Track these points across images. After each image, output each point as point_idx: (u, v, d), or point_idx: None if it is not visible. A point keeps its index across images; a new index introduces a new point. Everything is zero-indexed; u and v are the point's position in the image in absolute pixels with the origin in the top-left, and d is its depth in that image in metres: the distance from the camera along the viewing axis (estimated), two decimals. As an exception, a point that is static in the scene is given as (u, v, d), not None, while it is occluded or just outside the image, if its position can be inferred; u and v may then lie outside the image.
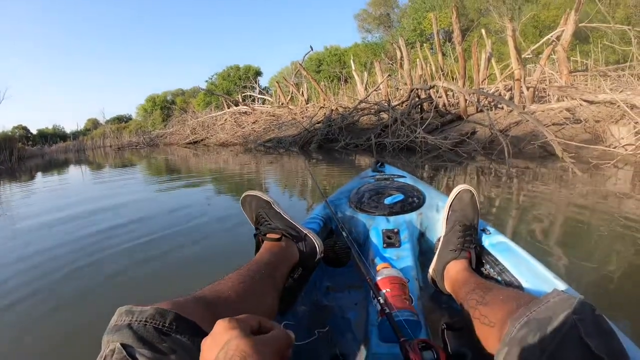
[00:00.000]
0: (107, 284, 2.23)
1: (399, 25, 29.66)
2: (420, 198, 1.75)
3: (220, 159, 10.31)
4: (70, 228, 3.60)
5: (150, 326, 0.65)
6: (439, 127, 8.21)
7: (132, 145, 25.02)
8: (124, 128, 39.43)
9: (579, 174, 4.46)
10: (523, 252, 1.25)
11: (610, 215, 2.86)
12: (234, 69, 37.61)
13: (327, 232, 1.66)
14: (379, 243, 1.49)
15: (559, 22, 8.21)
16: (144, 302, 0.70)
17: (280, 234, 1.29)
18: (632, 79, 7.42)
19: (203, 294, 0.84)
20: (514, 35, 8.20)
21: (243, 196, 1.42)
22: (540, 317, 0.68)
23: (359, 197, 1.81)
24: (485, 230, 1.42)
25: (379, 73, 12.08)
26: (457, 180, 4.78)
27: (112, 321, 0.67)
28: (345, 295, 1.42)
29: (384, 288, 1.10)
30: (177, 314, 0.69)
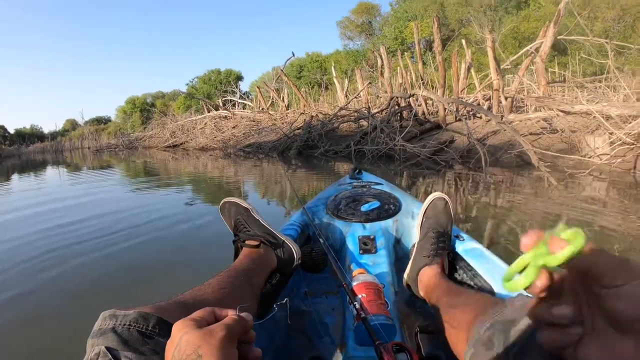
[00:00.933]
0: (88, 288, 2.21)
1: (381, 33, 29.87)
2: (396, 205, 1.77)
3: (200, 163, 10.22)
4: (48, 230, 3.53)
5: (134, 329, 0.67)
6: (417, 135, 8.24)
7: (111, 148, 24.65)
8: (103, 130, 39.18)
9: (554, 183, 4.51)
10: (495, 258, 1.28)
11: (584, 223, 2.90)
12: (215, 72, 37.53)
13: (304, 239, 1.69)
14: (355, 249, 1.52)
15: (538, 34, 8.33)
16: (126, 306, 0.71)
17: (258, 240, 1.32)
18: (609, 90, 7.55)
19: (184, 298, 0.86)
20: (493, 46, 8.30)
21: (222, 203, 1.45)
22: (505, 319, 0.69)
23: (336, 204, 1.83)
24: (459, 237, 1.44)
25: (360, 80, 12.13)
26: (435, 188, 4.80)
27: (96, 325, 0.68)
28: (323, 300, 1.43)
29: (359, 293, 1.12)
30: (160, 318, 0.71)
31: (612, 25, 15.07)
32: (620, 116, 5.52)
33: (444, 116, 8.59)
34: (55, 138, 39.74)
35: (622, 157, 5.18)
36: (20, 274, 2.48)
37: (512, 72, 10.38)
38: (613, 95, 7.05)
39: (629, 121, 5.34)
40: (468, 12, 21.67)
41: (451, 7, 23.02)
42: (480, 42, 15.31)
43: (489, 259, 1.29)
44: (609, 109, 5.69)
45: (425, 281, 1.23)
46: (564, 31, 8.75)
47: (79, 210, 4.52)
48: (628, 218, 3.10)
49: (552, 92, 8.73)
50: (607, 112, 5.68)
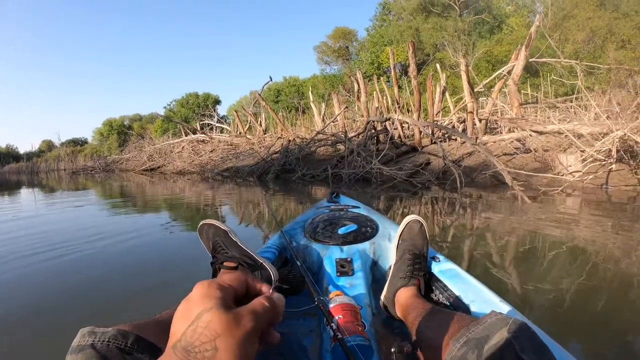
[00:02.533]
0: (63, 306, 2.18)
1: (357, 58, 30.27)
2: (373, 228, 1.79)
3: (177, 187, 10.12)
4: (23, 249, 3.46)
5: (113, 345, 0.69)
6: (394, 158, 8.31)
7: (87, 170, 24.31)
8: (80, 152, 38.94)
9: (527, 201, 4.56)
10: (470, 278, 1.31)
11: (558, 239, 2.95)
12: (193, 96, 37.58)
13: (282, 261, 1.70)
14: (332, 272, 1.53)
15: (510, 57, 8.51)
16: (104, 325, 0.74)
17: (236, 262, 1.34)
18: (580, 109, 7.72)
19: (162, 317, 0.87)
20: (467, 70, 8.46)
21: (200, 225, 1.46)
22: (478, 336, 0.72)
23: (314, 227, 1.84)
24: (435, 258, 1.47)
25: (337, 105, 12.23)
26: (412, 209, 4.81)
27: (75, 341, 0.70)
28: (301, 322, 1.43)
29: (336, 315, 1.12)
30: (138, 335, 0.72)
31: (582, 47, 15.47)
32: (591, 134, 5.65)
33: (419, 139, 8.67)
34: (31, 159, 39.39)
35: (594, 173, 5.31)
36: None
37: (486, 95, 10.56)
38: (584, 114, 7.21)
39: (599, 138, 5.47)
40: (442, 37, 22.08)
41: (426, 32, 23.44)
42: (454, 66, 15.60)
43: (464, 279, 1.31)
44: (580, 128, 5.83)
45: (402, 302, 1.23)
46: (535, 53, 8.96)
47: (55, 230, 4.44)
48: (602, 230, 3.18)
49: (525, 113, 8.90)
50: (579, 130, 5.81)
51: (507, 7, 24.69)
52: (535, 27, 7.62)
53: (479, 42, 21.47)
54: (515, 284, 2.08)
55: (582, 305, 1.84)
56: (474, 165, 6.92)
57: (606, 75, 11.23)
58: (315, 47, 34.36)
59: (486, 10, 23.37)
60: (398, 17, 28.47)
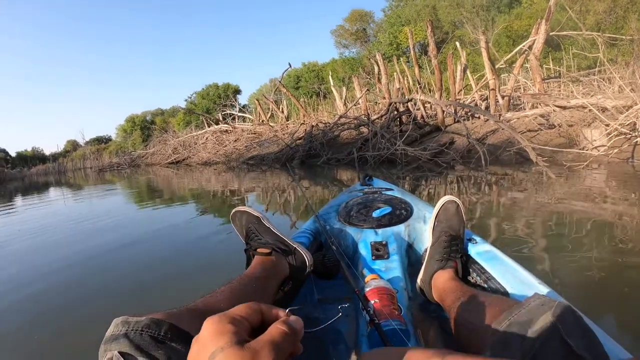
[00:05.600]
0: (99, 296, 2.23)
1: (376, 39, 30.01)
2: (407, 210, 1.77)
3: (204, 177, 10.23)
4: (60, 244, 3.59)
5: (147, 335, 0.68)
6: (418, 139, 8.35)
7: (113, 167, 24.43)
8: (104, 149, 39.36)
9: (553, 177, 4.58)
10: (508, 260, 1.28)
11: (588, 216, 2.95)
12: (213, 87, 37.69)
13: (316, 246, 1.68)
14: (367, 255, 1.52)
15: (531, 31, 8.43)
16: (137, 314, 0.72)
17: (270, 248, 1.31)
18: (603, 82, 7.64)
19: (196, 305, 0.85)
20: (487, 46, 8.42)
21: (233, 212, 1.45)
22: (522, 320, 0.71)
23: (348, 210, 1.83)
24: (472, 240, 1.45)
25: (358, 88, 12.23)
26: (438, 190, 4.84)
27: (109, 331, 0.69)
28: (335, 306, 1.37)
29: (372, 299, 1.12)
30: (172, 324, 0.71)
31: (603, 18, 15.14)
32: (615, 107, 5.62)
33: (442, 118, 8.69)
34: (57, 159, 39.56)
35: (619, 147, 5.28)
36: (37, 279, 2.54)
37: (508, 71, 10.50)
38: (608, 87, 7.15)
39: (623, 112, 5.43)
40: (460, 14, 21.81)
41: (443, 10, 23.17)
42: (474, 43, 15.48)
43: (502, 261, 1.29)
44: (603, 101, 5.80)
45: (439, 285, 1.22)
46: (556, 27, 8.89)
47: (90, 223, 4.57)
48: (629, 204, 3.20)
49: (547, 89, 8.82)
50: (602, 104, 5.79)
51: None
52: (555, 0, 7.54)
53: (498, 17, 21.14)
54: (545, 264, 2.07)
55: (614, 284, 1.81)
56: (498, 143, 6.94)
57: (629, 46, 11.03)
58: (332, 31, 34.29)
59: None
60: (414, -4, 28.14)
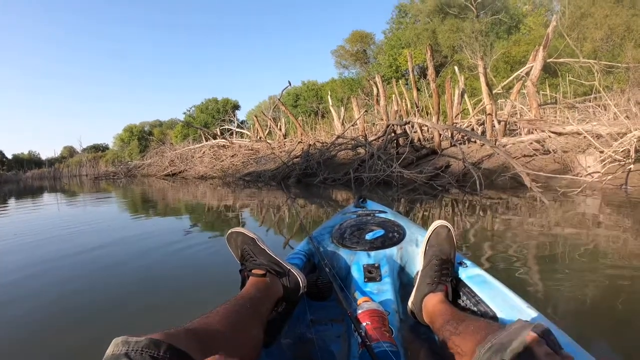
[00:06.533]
0: (92, 315, 2.19)
1: (375, 61, 30.23)
2: (400, 233, 1.79)
3: (199, 192, 10.24)
4: (49, 256, 3.53)
5: (147, 355, 0.69)
6: (414, 162, 8.37)
7: (109, 176, 24.55)
8: (101, 157, 39.31)
9: (546, 202, 4.63)
10: (498, 284, 1.30)
11: (580, 241, 2.98)
12: (212, 101, 37.87)
13: (310, 267, 1.70)
14: (360, 277, 1.54)
15: (529, 57, 8.54)
16: (131, 333, 0.73)
17: (264, 269, 1.33)
18: (599, 109, 7.72)
19: (193, 326, 0.88)
20: (485, 72, 8.53)
21: (228, 233, 1.47)
22: (503, 341, 0.74)
23: (341, 232, 1.85)
24: (462, 264, 1.47)
25: (356, 108, 12.30)
26: (433, 212, 4.86)
27: (109, 351, 0.70)
28: (328, 328, 1.44)
29: (364, 321, 1.14)
30: (170, 344, 0.73)
31: (600, 45, 15.35)
32: (609, 134, 5.69)
33: (439, 142, 8.75)
34: (53, 164, 39.72)
35: (613, 174, 5.33)
36: (28, 296, 2.49)
37: (505, 96, 10.57)
38: (603, 114, 7.23)
39: (618, 139, 5.50)
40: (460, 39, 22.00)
41: (443, 34, 23.39)
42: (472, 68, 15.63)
43: (492, 285, 1.31)
44: (598, 128, 5.87)
45: (430, 308, 1.25)
46: (553, 53, 9.01)
47: (81, 236, 4.56)
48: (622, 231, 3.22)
49: (544, 114, 8.91)
50: (597, 131, 5.85)
51: (524, 7, 24.61)
52: (553, 27, 7.63)
53: (496, 43, 21.38)
54: (537, 288, 2.09)
55: (606, 308, 1.84)
56: (493, 168, 6.99)
57: (625, 74, 11.18)
58: (332, 51, 34.45)
59: (503, 11, 23.24)
60: (415, 19, 28.45)
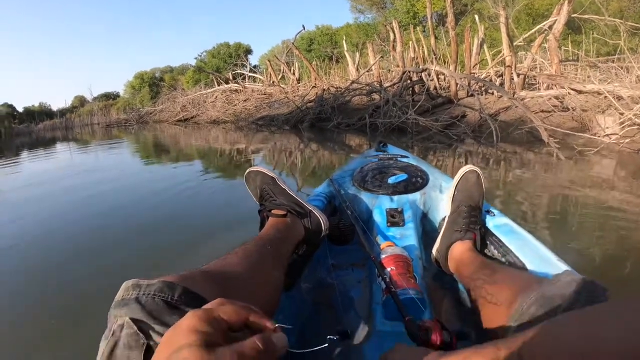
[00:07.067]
0: (109, 256, 2.23)
1: (392, 6, 29.33)
2: (423, 178, 1.74)
3: (211, 136, 10.26)
4: (70, 200, 3.65)
5: (159, 299, 0.63)
6: (429, 110, 8.30)
7: (121, 123, 24.60)
8: (112, 105, 39.07)
9: (562, 158, 4.62)
10: (527, 234, 1.25)
11: (594, 199, 3.00)
12: (224, 46, 37.08)
13: (331, 210, 1.67)
14: (382, 222, 1.51)
15: (552, 11, 8.29)
16: (148, 277, 0.68)
17: (285, 210, 1.27)
18: (621, 71, 7.56)
19: (210, 268, 0.83)
20: (506, 22, 8.28)
21: (247, 172, 1.42)
22: (551, 294, 0.70)
23: (363, 175, 1.80)
24: (490, 212, 1.42)
25: (371, 54, 12.07)
26: (447, 162, 4.89)
27: (119, 295, 0.64)
28: (349, 272, 1.41)
29: (388, 266, 1.10)
30: (185, 288, 0.67)
31: (628, 6, 14.88)
32: (631, 97, 5.57)
33: (455, 91, 8.64)
34: (64, 115, 39.52)
35: (631, 137, 5.26)
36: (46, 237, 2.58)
37: (525, 49, 10.31)
38: (625, 76, 7.08)
39: (639, 102, 5.41)
40: (482, -14, 21.35)
41: (464, -19, 22.71)
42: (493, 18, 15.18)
43: (520, 235, 1.25)
44: (620, 90, 5.74)
45: (457, 257, 1.19)
46: (578, 9, 8.71)
47: (99, 181, 4.64)
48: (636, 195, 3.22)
49: (564, 71, 8.72)
50: (619, 92, 5.74)
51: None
52: (580, -19, 7.42)
53: (519, -7, 20.73)
54: (560, 240, 2.08)
55: (629, 263, 1.84)
56: (510, 121, 6.91)
57: (651, 38, 10.89)
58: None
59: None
60: (436, -36, 27.52)
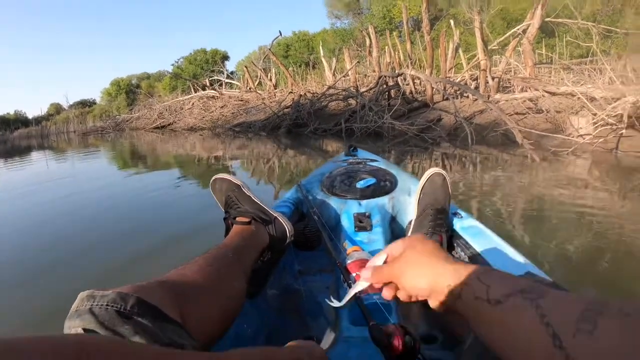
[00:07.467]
0: (68, 268, 2.17)
1: (369, 12, 29.64)
2: (392, 182, 1.74)
3: (188, 143, 10.18)
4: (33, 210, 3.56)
5: (112, 310, 0.63)
6: (405, 114, 8.32)
7: (97, 131, 24.35)
8: (88, 113, 38.74)
9: (537, 160, 4.63)
10: (494, 236, 1.24)
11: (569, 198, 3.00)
12: (201, 52, 36.94)
13: (298, 216, 1.66)
14: (350, 227, 1.49)
15: (526, 16, 8.39)
16: (104, 288, 0.67)
17: (249, 217, 1.26)
18: (594, 73, 7.64)
19: (167, 278, 0.82)
20: (481, 27, 8.35)
21: (213, 179, 1.41)
22: None
23: (331, 180, 1.80)
24: (457, 214, 1.42)
25: (348, 59, 12.10)
26: (423, 164, 4.87)
27: (74, 306, 0.64)
28: (317, 278, 1.39)
29: (353, 271, 1.08)
30: (139, 298, 0.67)
31: (600, 9, 15.13)
32: (603, 98, 5.62)
33: (431, 95, 8.67)
34: (40, 123, 39.21)
35: (604, 137, 5.30)
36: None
37: (500, 53, 10.43)
38: (598, 77, 7.15)
39: (612, 103, 5.45)
40: (457, -8, 21.59)
41: (440, -13, 22.92)
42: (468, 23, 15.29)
43: (488, 237, 1.24)
44: (593, 91, 5.80)
45: None
46: (552, 13, 8.82)
47: (66, 189, 4.53)
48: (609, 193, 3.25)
49: (538, 74, 8.80)
50: (592, 93, 5.79)
51: (525, -38, 24.04)
52: (553, -15, 7.51)
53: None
54: (528, 241, 2.08)
55: (592, 262, 1.84)
56: (485, 123, 6.95)
57: (623, 40, 11.05)
58: (325, 0, 33.64)
59: (503, -35, 22.76)
60: (411, -30, 27.77)
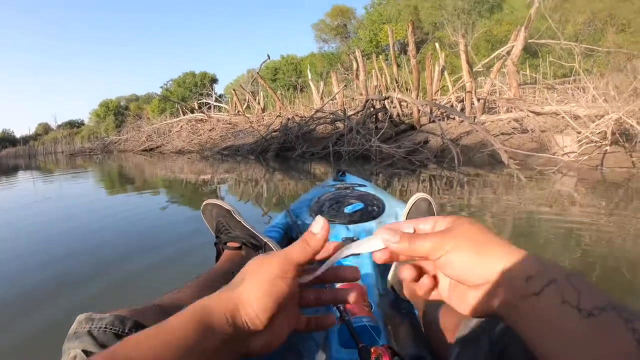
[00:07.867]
0: (63, 292, 2.14)
1: (356, 36, 30.09)
2: (379, 207, 1.76)
3: (176, 166, 10.12)
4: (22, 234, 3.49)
5: (110, 332, 0.65)
6: (393, 137, 8.36)
7: (85, 152, 24.23)
8: (77, 134, 38.61)
9: (523, 180, 4.65)
10: None
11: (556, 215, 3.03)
12: (190, 75, 37.24)
13: (287, 241, 1.65)
14: None
15: (510, 37, 8.52)
16: (102, 311, 0.70)
17: (240, 242, 1.29)
18: (578, 91, 7.74)
19: (162, 302, 0.84)
20: (466, 49, 8.48)
21: (204, 204, 1.42)
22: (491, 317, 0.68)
23: (320, 205, 1.82)
24: None
25: (335, 83, 12.20)
26: (411, 188, 4.86)
27: (72, 328, 0.67)
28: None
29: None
30: (136, 321, 0.69)
31: (582, 29, 15.42)
32: (587, 116, 5.70)
33: (418, 118, 8.73)
34: (27, 142, 39.03)
35: (589, 154, 5.36)
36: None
37: (485, 75, 10.55)
38: (582, 96, 7.25)
39: (595, 121, 5.52)
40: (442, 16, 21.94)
41: (425, 11, 23.30)
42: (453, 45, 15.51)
43: None
44: (576, 110, 5.89)
45: None
46: (535, 34, 8.98)
47: (56, 214, 4.48)
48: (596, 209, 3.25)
49: (523, 94, 8.90)
50: (575, 112, 5.88)
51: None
52: (535, 8, 7.62)
53: (478, 22, 21.36)
54: None
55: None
56: (471, 144, 6.99)
57: (605, 58, 11.24)
58: (313, 24, 34.13)
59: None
60: (397, -5, 28.21)
